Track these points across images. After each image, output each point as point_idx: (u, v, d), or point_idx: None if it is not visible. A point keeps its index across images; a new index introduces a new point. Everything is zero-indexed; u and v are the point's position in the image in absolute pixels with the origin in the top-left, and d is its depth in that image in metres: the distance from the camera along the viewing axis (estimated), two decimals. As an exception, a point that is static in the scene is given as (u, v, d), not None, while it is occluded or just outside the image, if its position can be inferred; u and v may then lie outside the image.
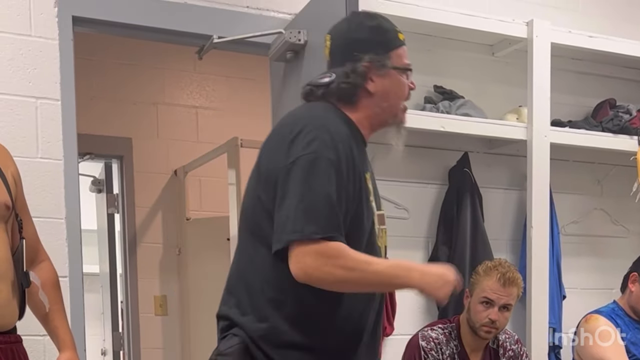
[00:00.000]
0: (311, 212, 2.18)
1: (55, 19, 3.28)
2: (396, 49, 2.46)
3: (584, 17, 4.42)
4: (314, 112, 2.38)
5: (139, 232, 5.73)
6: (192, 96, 5.87)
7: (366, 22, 2.49)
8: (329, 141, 2.24)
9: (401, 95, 2.48)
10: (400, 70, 2.46)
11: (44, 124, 3.26)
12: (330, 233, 2.18)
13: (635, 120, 4.28)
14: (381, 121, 2.47)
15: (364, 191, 2.34)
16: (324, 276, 2.19)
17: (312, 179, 2.21)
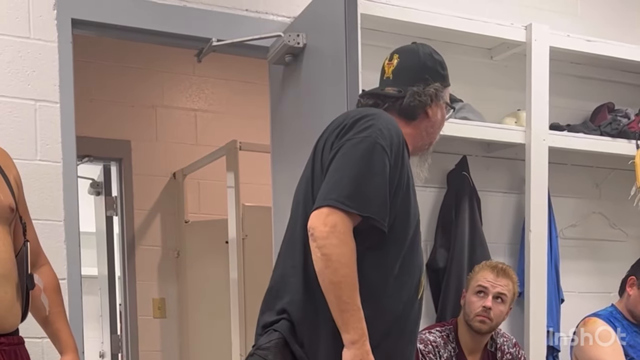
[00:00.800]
0: (358, 188, 2.27)
1: (55, 21, 3.28)
2: (448, 87, 2.73)
3: (582, 21, 4.43)
4: (373, 109, 2.54)
5: (137, 235, 5.73)
6: (191, 99, 5.88)
7: (435, 55, 2.75)
8: (385, 131, 2.36)
9: (441, 129, 2.74)
10: (448, 106, 2.74)
11: (43, 127, 3.26)
12: (368, 213, 2.27)
13: (633, 124, 4.29)
14: (421, 145, 2.69)
15: (412, 189, 2.46)
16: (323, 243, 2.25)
17: (363, 159, 2.30)
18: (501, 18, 3.97)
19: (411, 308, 2.49)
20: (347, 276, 2.25)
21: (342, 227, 2.25)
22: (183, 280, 5.81)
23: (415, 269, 2.49)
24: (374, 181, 2.29)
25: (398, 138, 2.39)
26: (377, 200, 2.30)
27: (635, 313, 3.90)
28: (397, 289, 2.42)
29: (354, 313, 2.27)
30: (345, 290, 2.26)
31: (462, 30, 3.85)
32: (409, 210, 2.42)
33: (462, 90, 4.04)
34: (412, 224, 2.44)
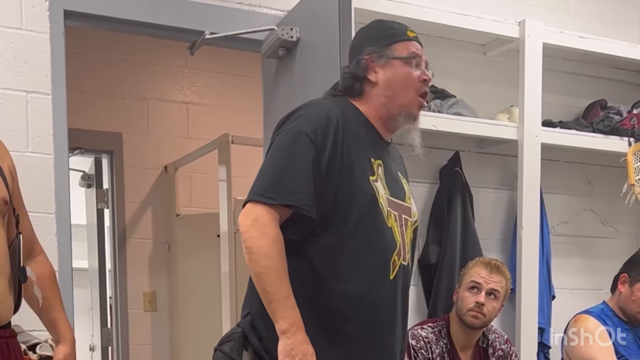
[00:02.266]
0: (279, 178, 2.36)
1: (47, 12, 3.27)
2: (401, 42, 2.57)
3: (575, 18, 4.44)
4: (309, 101, 2.56)
5: (128, 228, 5.72)
6: (183, 92, 5.87)
7: (374, 24, 2.66)
8: (313, 118, 2.41)
9: (407, 85, 2.53)
10: (404, 60, 2.53)
11: (35, 118, 3.25)
12: (272, 200, 2.33)
13: (625, 122, 4.29)
14: (389, 113, 2.55)
15: (355, 168, 2.43)
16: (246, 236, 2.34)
17: (286, 149, 2.39)
18: (495, 14, 3.97)
19: (379, 289, 2.48)
20: (269, 267, 2.30)
21: (263, 219, 2.32)
22: (174, 273, 5.80)
23: (378, 248, 2.47)
24: (296, 169, 2.35)
25: (328, 121, 2.40)
26: (299, 188, 2.34)
27: (627, 310, 3.91)
28: (353, 271, 2.43)
29: (281, 303, 2.31)
30: (268, 280, 2.31)
31: (455, 25, 3.85)
32: (351, 190, 2.42)
33: (455, 85, 4.05)
34: (357, 203, 2.42)
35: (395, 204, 2.53)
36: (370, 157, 2.48)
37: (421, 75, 2.55)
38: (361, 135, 2.49)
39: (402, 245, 2.53)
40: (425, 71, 2.57)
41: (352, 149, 2.42)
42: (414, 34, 2.61)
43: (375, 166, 2.48)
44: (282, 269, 2.31)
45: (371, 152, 2.49)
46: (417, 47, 2.58)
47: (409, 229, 2.60)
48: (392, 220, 2.50)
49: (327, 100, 2.56)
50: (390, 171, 2.57)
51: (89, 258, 5.98)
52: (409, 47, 2.56)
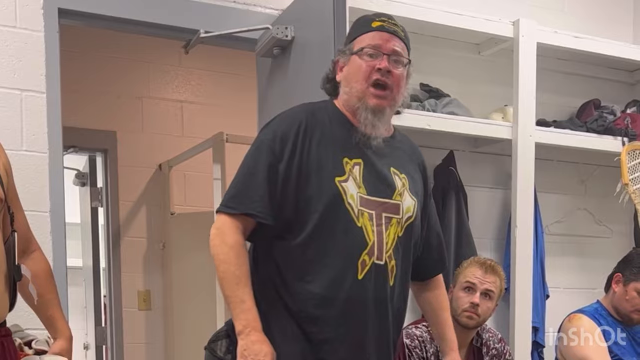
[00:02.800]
0: (240, 188, 2.50)
1: (41, 11, 3.27)
2: (360, 35, 2.57)
3: (569, 17, 4.45)
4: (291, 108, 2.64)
5: (122, 226, 5.71)
6: (178, 90, 5.86)
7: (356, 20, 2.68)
8: (276, 125, 2.52)
9: (359, 78, 2.53)
10: (358, 53, 2.54)
11: (29, 117, 3.25)
12: (233, 210, 2.48)
13: (619, 121, 4.30)
14: (351, 106, 2.57)
15: (324, 170, 2.48)
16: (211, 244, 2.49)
17: (249, 159, 2.52)
18: (489, 13, 3.97)
19: (344, 289, 2.49)
20: (226, 272, 2.44)
21: (224, 228, 2.49)
22: (168, 272, 5.80)
23: (343, 249, 2.49)
24: (255, 178, 2.47)
25: (289, 127, 2.49)
26: (256, 197, 2.46)
27: (620, 310, 3.91)
28: (317, 273, 2.48)
29: (237, 305, 2.42)
30: (225, 285, 2.45)
31: (450, 25, 3.86)
32: (311, 193, 2.47)
33: (450, 85, 4.05)
34: (318, 205, 2.47)
35: (372, 202, 2.53)
36: (342, 157, 2.51)
37: (375, 64, 2.52)
38: (336, 135, 2.53)
39: (376, 244, 2.52)
40: (385, 59, 2.52)
41: (316, 152, 2.48)
42: (381, 23, 2.57)
43: (347, 166, 2.50)
44: (238, 274, 2.43)
45: (346, 152, 2.52)
46: (376, 37, 2.55)
47: (394, 227, 2.57)
48: (365, 220, 2.51)
49: (307, 105, 2.62)
50: (373, 169, 2.56)
51: (84, 256, 5.97)
52: (366, 39, 2.55)
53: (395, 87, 2.55)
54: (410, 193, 2.65)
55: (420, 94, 4.01)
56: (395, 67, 2.54)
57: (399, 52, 2.56)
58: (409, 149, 2.77)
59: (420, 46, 4.04)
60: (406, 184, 2.65)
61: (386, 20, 2.59)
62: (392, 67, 2.52)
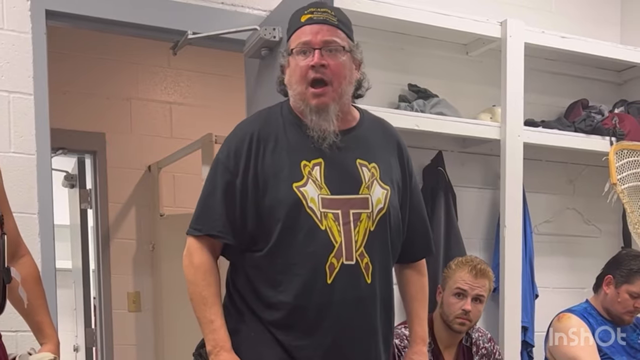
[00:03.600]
0: (202, 209, 2.55)
1: (28, 12, 3.26)
2: (292, 35, 2.52)
3: (557, 18, 4.46)
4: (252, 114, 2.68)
5: (112, 228, 5.70)
6: (166, 92, 5.85)
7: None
8: (227, 143, 2.54)
9: (298, 79, 2.48)
10: (293, 54, 2.50)
11: (17, 119, 3.25)
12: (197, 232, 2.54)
13: (607, 121, 4.31)
14: (299, 109, 2.53)
15: (281, 178, 2.46)
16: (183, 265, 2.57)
17: (208, 180, 2.55)
18: (477, 14, 3.97)
19: (315, 296, 2.46)
20: (194, 293, 2.52)
21: (192, 249, 2.55)
22: (158, 273, 5.79)
23: (308, 255, 2.45)
24: (215, 199, 2.50)
25: (241, 142, 2.50)
26: (215, 216, 2.50)
27: (612, 311, 3.90)
28: (287, 282, 2.47)
29: (206, 326, 2.49)
30: (194, 306, 2.52)
31: (437, 25, 3.85)
32: (270, 204, 2.46)
33: (438, 85, 4.06)
34: (277, 215, 2.45)
35: (334, 201, 2.48)
36: (300, 161, 2.48)
37: (309, 62, 2.45)
38: (292, 139, 2.51)
39: (343, 244, 2.47)
40: (316, 52, 2.44)
41: (270, 161, 2.47)
42: (309, 15, 2.49)
43: (306, 169, 2.46)
44: (205, 294, 2.48)
45: (304, 155, 2.49)
46: (305, 32, 2.47)
47: (364, 223, 2.51)
48: (329, 221, 2.46)
49: (261, 112, 2.63)
50: (335, 166, 2.51)
51: (73, 258, 5.96)
52: (297, 37, 2.49)
53: (335, 79, 2.46)
54: (382, 182, 2.57)
55: (408, 95, 4.02)
56: (332, 58, 2.45)
57: (330, 41, 2.46)
58: (380, 134, 2.69)
59: (408, 47, 4.07)
60: (376, 174, 2.57)
61: (314, 10, 2.49)
62: (327, 60, 2.44)
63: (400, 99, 3.97)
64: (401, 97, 3.98)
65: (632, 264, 3.88)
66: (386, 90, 3.98)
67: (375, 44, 3.99)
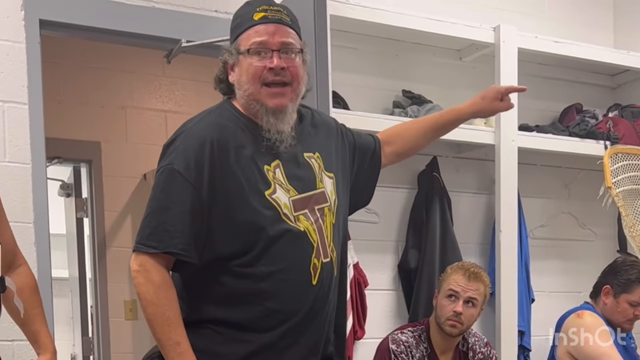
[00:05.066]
0: (157, 224, 2.30)
1: (22, 22, 3.26)
2: (244, 32, 2.39)
3: (550, 22, 4.48)
4: (194, 118, 2.48)
5: (108, 237, 5.70)
6: (161, 100, 5.85)
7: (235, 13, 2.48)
8: (182, 151, 2.33)
9: (250, 79, 2.37)
10: (246, 54, 2.37)
11: (12, 128, 3.24)
12: (153, 249, 2.28)
13: (601, 125, 4.33)
14: (251, 110, 2.41)
15: (247, 185, 2.32)
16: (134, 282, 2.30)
17: (163, 191, 2.32)
18: (470, 19, 3.99)
19: (304, 299, 2.39)
20: (155, 314, 2.27)
21: (148, 266, 2.28)
22: (154, 282, 5.78)
23: (293, 262, 2.37)
24: (173, 213, 2.28)
25: (201, 150, 2.31)
26: (177, 233, 2.28)
27: (613, 321, 3.86)
28: (275, 290, 2.35)
29: (171, 349, 2.28)
30: (156, 327, 2.28)
31: (431, 31, 3.86)
32: (250, 219, 2.32)
33: (432, 91, 4.07)
34: (259, 230, 2.32)
35: (303, 200, 2.41)
36: (261, 166, 2.36)
37: (265, 63, 2.35)
38: (245, 143, 2.36)
39: (320, 242, 2.42)
40: (275, 55, 2.36)
41: (237, 169, 2.32)
42: (263, 14, 2.38)
43: (269, 174, 2.36)
44: (169, 314, 2.27)
45: (262, 158, 2.37)
46: (260, 32, 2.37)
47: (328, 216, 2.47)
48: (304, 223, 2.39)
49: (208, 116, 2.44)
50: (291, 164, 2.43)
51: (69, 267, 5.95)
52: (251, 35, 2.36)
53: (294, 80, 2.39)
54: (326, 171, 2.52)
55: (402, 101, 4.03)
56: (289, 60, 2.38)
57: (288, 43, 2.38)
58: (319, 123, 2.61)
59: (401, 53, 4.08)
60: (321, 164, 2.51)
61: (268, 7, 2.40)
62: (285, 62, 2.36)
63: (395, 105, 3.98)
64: (395, 103, 3.99)
65: (630, 273, 3.86)
66: (380, 97, 3.99)
67: (369, 51, 4.01)
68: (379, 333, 3.73)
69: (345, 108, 3.77)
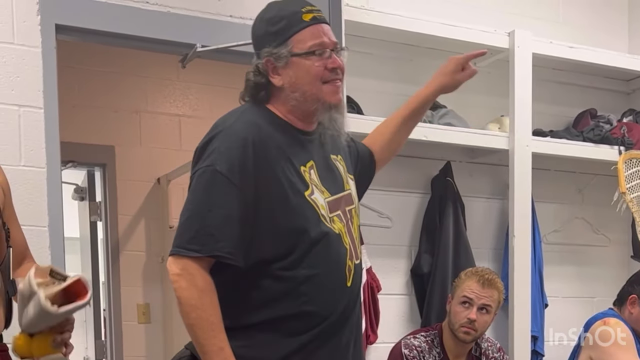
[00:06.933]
0: (200, 227, 2.26)
1: (38, 26, 3.27)
2: (296, 33, 2.35)
3: (564, 28, 4.47)
4: (226, 118, 2.40)
5: (121, 240, 5.71)
6: (175, 104, 5.86)
7: (264, 15, 2.44)
8: (225, 152, 2.27)
9: (311, 80, 2.35)
10: (303, 56, 2.34)
11: (27, 132, 3.25)
12: (196, 252, 2.24)
13: (615, 130, 4.32)
14: (305, 111, 2.39)
15: (289, 187, 2.30)
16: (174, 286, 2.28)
17: (205, 193, 2.28)
18: (484, 25, 3.99)
19: (340, 302, 2.40)
20: (199, 318, 2.26)
21: (192, 269, 2.25)
22: (167, 285, 5.78)
23: (332, 264, 2.38)
24: (217, 216, 2.25)
25: (244, 150, 2.26)
26: (222, 236, 2.24)
27: (638, 330, 3.84)
28: (315, 294, 2.35)
29: (215, 354, 2.26)
30: (199, 332, 2.27)
31: (445, 36, 3.87)
32: (287, 220, 2.30)
33: (446, 96, 4.01)
34: (297, 232, 2.31)
35: (336, 202, 2.43)
36: (299, 167, 2.35)
37: (327, 64, 2.35)
38: (282, 144, 2.34)
39: (351, 244, 2.44)
40: (333, 55, 2.36)
41: (277, 170, 2.30)
42: (312, 14, 2.36)
43: (306, 175, 2.36)
44: (213, 319, 2.25)
45: (298, 159, 2.36)
46: (316, 32, 2.36)
47: (354, 219, 2.50)
48: (338, 224, 2.41)
49: (242, 116, 2.38)
50: (322, 165, 2.44)
51: (83, 271, 5.96)
52: (307, 37, 2.34)
53: (343, 77, 2.43)
54: (349, 173, 2.56)
55: (416, 105, 4.02)
56: (340, 59, 2.39)
57: (337, 42, 2.41)
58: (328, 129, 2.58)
59: (415, 58, 4.08)
60: (344, 165, 2.54)
61: (312, 8, 2.38)
62: (340, 61, 2.39)
63: (409, 110, 3.98)
64: (409, 108, 3.99)
65: None
66: (394, 101, 3.97)
67: (383, 56, 4.01)
68: (391, 338, 3.74)
69: (360, 113, 3.78)
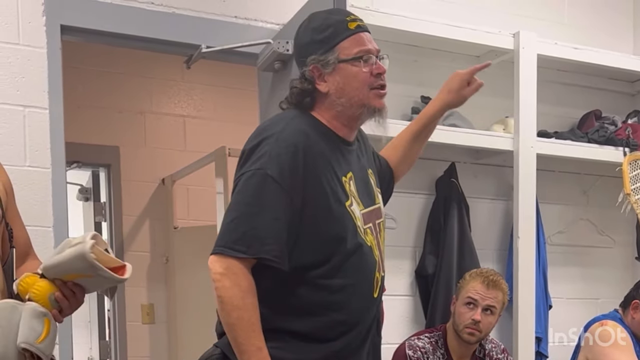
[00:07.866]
0: (248, 229, 2.28)
1: (44, 27, 3.28)
2: (343, 40, 2.40)
3: (569, 29, 4.46)
4: (274, 123, 2.41)
5: (126, 241, 5.72)
6: (180, 105, 5.87)
7: (308, 24, 2.47)
8: (276, 157, 2.28)
9: (359, 86, 2.40)
10: (350, 62, 2.39)
11: (32, 133, 3.26)
12: (242, 254, 2.26)
13: (620, 132, 4.31)
14: (350, 117, 2.44)
15: (332, 195, 2.34)
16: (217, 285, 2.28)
17: (254, 195, 2.29)
18: (489, 26, 3.98)
19: (367, 312, 2.46)
20: (240, 319, 2.26)
21: (236, 269, 2.27)
22: (172, 286, 5.80)
23: (363, 275, 2.43)
24: (265, 218, 2.27)
25: (294, 155, 2.29)
26: (269, 239, 2.27)
27: (638, 335, 3.84)
28: (344, 302, 2.39)
29: (253, 354, 2.27)
30: (239, 332, 2.27)
31: (450, 37, 3.86)
32: (331, 226, 2.34)
33: (451, 97, 4.05)
34: (336, 240, 2.35)
35: (369, 214, 2.48)
36: (340, 177, 2.39)
37: (373, 70, 2.41)
38: (327, 153, 2.38)
39: (380, 257, 2.50)
40: (377, 61, 2.43)
41: (322, 178, 2.33)
42: (356, 23, 2.43)
43: (346, 185, 2.40)
44: (253, 320, 2.27)
45: (340, 169, 2.40)
46: (361, 40, 2.42)
47: (382, 232, 2.55)
48: (370, 237, 2.45)
49: (290, 121, 2.40)
50: (359, 177, 2.48)
51: (87, 271, 5.96)
52: (353, 44, 2.40)
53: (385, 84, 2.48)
54: (378, 187, 2.60)
55: (421, 107, 4.01)
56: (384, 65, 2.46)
57: (380, 49, 2.47)
58: (365, 138, 2.68)
59: (420, 59, 4.07)
60: (374, 179, 2.59)
61: (356, 17, 2.46)
62: (384, 67, 2.45)
63: (413, 111, 3.98)
64: (414, 109, 3.99)
65: None
66: (399, 103, 3.99)
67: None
68: (395, 339, 3.73)
69: (364, 114, 3.77)
